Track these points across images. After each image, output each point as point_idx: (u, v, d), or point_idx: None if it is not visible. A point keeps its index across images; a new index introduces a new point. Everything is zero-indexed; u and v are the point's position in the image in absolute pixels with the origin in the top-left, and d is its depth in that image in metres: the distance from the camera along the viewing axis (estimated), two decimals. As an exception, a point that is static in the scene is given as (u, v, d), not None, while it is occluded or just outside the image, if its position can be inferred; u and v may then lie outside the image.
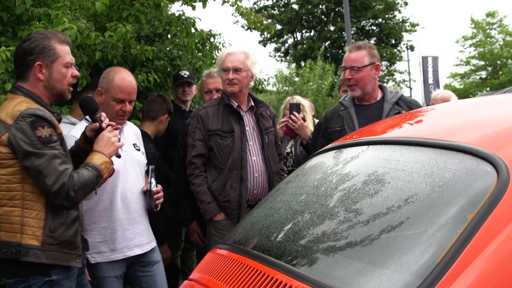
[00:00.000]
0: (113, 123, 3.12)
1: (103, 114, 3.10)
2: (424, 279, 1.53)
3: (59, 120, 3.03)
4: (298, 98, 5.50)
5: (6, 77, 3.69)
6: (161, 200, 3.65)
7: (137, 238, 3.52)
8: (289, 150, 5.26)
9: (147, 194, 3.59)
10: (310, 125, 5.25)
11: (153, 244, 3.68)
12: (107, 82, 3.53)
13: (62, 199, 2.76)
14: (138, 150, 3.69)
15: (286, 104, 5.41)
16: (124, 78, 3.53)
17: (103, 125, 3.04)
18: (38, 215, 2.77)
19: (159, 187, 3.63)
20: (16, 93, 2.88)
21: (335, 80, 23.36)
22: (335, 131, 4.06)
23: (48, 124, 2.77)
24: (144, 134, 4.02)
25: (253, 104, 4.28)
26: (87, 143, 3.11)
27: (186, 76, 5.09)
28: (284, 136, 4.96)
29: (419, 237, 1.70)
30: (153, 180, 3.59)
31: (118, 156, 3.17)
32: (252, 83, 4.38)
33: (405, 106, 4.05)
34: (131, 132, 3.73)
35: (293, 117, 4.61)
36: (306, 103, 6.31)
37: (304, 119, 4.68)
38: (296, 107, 4.69)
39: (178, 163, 4.47)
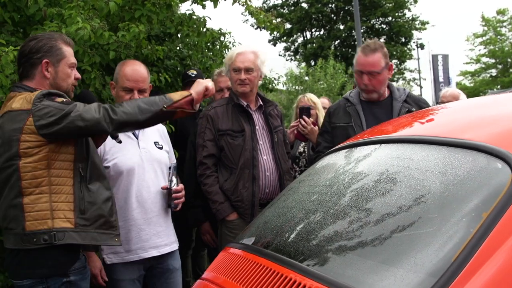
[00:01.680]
0: None
1: None
2: (438, 278, 1.52)
3: None
4: (310, 96, 5.44)
5: (16, 78, 3.70)
6: (182, 200, 3.55)
7: (153, 239, 3.44)
8: (302, 150, 5.23)
9: (167, 192, 3.49)
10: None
11: (174, 247, 3.60)
12: (116, 74, 3.55)
13: (105, 123, 2.79)
14: (160, 148, 3.61)
15: (298, 103, 5.35)
16: (131, 67, 3.52)
17: None
18: (67, 198, 2.78)
19: (180, 186, 3.55)
20: (19, 91, 2.87)
21: (346, 79, 23.32)
22: (340, 126, 4.00)
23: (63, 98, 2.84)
24: None
25: (261, 103, 4.27)
26: None
27: (193, 75, 5.09)
28: (294, 140, 4.92)
29: (433, 235, 1.69)
30: (173, 178, 3.48)
31: (118, 140, 3.16)
32: (260, 82, 4.38)
33: (414, 103, 4.00)
34: (153, 130, 3.65)
35: (303, 121, 4.56)
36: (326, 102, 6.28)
37: (314, 123, 4.63)
38: (306, 111, 4.63)
39: (189, 163, 4.47)
